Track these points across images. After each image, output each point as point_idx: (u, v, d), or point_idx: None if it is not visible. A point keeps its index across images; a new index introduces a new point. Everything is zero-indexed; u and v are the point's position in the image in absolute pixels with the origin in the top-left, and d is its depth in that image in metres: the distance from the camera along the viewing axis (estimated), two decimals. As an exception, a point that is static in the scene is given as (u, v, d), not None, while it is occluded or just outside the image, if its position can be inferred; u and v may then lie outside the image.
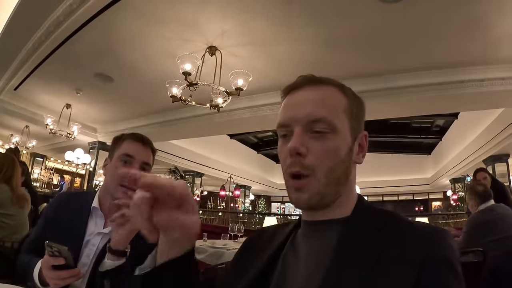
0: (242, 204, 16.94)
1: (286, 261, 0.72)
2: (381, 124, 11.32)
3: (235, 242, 4.24)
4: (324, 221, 0.70)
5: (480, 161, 9.21)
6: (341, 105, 0.70)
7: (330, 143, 0.67)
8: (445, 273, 0.57)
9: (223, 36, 4.29)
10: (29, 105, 7.21)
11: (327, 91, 0.71)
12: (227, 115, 6.56)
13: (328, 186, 0.67)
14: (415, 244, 0.60)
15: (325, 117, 0.67)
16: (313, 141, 0.67)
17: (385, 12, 3.66)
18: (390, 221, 0.66)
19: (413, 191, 16.95)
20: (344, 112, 0.70)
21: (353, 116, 0.72)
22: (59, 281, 1.06)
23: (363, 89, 5.17)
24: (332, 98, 0.71)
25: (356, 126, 0.72)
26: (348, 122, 0.70)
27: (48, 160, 12.85)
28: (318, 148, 0.67)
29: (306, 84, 0.73)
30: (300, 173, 0.67)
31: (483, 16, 3.63)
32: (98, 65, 5.28)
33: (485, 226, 2.86)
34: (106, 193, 1.35)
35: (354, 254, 0.61)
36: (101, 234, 1.30)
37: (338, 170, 0.68)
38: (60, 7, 3.77)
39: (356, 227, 0.67)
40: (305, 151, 0.66)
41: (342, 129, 0.69)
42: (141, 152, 1.36)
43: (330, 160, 0.67)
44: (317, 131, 0.67)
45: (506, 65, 4.60)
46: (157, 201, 0.55)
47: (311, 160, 0.66)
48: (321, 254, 0.66)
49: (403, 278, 0.56)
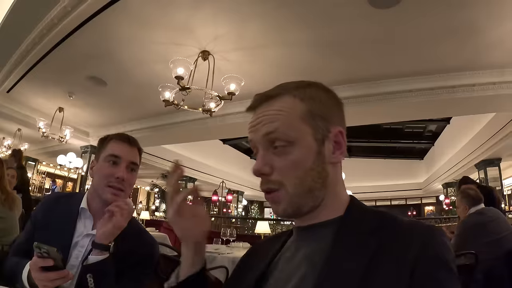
0: (235, 210, 16.88)
1: (277, 267, 0.72)
2: (374, 130, 11.37)
3: (227, 246, 4.23)
4: (314, 224, 0.70)
5: (472, 166, 9.30)
6: (296, 113, 0.69)
7: (291, 156, 0.67)
8: (439, 271, 0.57)
9: (216, 41, 4.30)
10: (21, 108, 7.16)
11: (280, 104, 0.70)
12: (220, 120, 6.58)
13: (300, 196, 0.67)
14: (408, 243, 0.59)
15: (279, 132, 0.68)
16: (276, 157, 0.68)
17: (376, 18, 3.70)
18: (382, 221, 0.65)
19: (406, 196, 17.03)
20: (301, 118, 0.69)
21: (316, 117, 0.69)
22: (48, 282, 1.04)
23: (355, 94, 5.22)
24: (286, 110, 0.69)
25: (323, 126, 0.69)
26: (309, 126, 0.69)
27: (40, 164, 12.72)
28: (281, 164, 0.68)
29: (260, 103, 0.73)
30: (270, 189, 0.69)
31: (474, 22, 3.69)
32: (91, 68, 5.27)
33: (476, 229, 2.86)
34: (94, 195, 1.34)
35: (347, 256, 0.61)
36: (90, 236, 1.27)
37: (307, 180, 0.67)
38: (54, 9, 3.77)
39: (348, 228, 0.66)
40: (269, 170, 0.68)
41: (302, 137, 0.68)
42: (128, 152, 1.35)
43: (295, 172, 0.67)
44: (276, 146, 0.68)
45: (497, 70, 4.66)
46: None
47: (276, 176, 0.68)
48: (313, 258, 0.66)
49: (397, 278, 0.56)
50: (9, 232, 2.53)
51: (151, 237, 1.42)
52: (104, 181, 1.29)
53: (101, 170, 1.32)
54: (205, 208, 0.69)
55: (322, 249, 0.65)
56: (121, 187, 1.30)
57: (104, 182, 1.29)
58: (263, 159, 0.69)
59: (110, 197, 1.28)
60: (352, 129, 11.46)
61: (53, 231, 1.27)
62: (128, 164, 1.34)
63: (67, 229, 1.28)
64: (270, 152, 0.69)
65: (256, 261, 0.78)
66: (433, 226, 0.67)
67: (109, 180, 1.29)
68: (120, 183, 1.29)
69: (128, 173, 1.33)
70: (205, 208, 0.69)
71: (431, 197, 16.82)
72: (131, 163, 1.35)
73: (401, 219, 0.66)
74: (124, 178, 1.30)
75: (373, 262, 0.58)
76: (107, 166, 1.31)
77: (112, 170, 1.30)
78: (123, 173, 1.30)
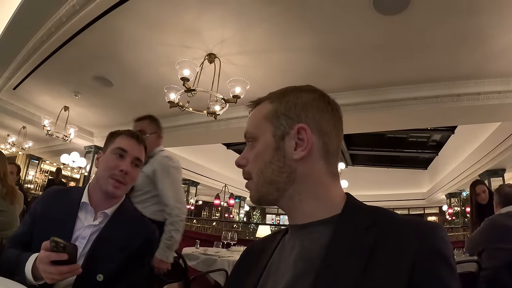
0: (237, 215, 16.86)
1: (274, 266, 0.73)
2: (378, 138, 11.36)
3: (227, 250, 4.21)
4: (310, 223, 0.71)
5: (476, 176, 9.22)
6: (261, 114, 0.78)
7: (254, 150, 0.77)
8: (439, 267, 0.57)
9: (223, 44, 4.32)
10: (27, 105, 7.22)
11: (258, 108, 0.81)
12: (224, 124, 6.58)
13: (262, 186, 0.75)
14: (407, 239, 0.59)
15: (248, 129, 0.80)
16: (249, 152, 0.79)
17: (382, 24, 3.70)
18: (380, 218, 0.65)
19: (409, 205, 16.92)
20: (265, 117, 0.77)
21: (280, 116, 0.75)
22: (58, 276, 1.05)
23: (359, 101, 5.21)
24: (257, 112, 0.80)
25: (286, 124, 0.74)
26: (271, 124, 0.76)
27: (44, 162, 12.78)
28: (250, 157, 0.78)
29: (251, 110, 0.84)
30: (245, 178, 0.80)
31: (481, 30, 3.67)
32: (97, 68, 5.30)
33: (502, 230, 2.54)
34: (96, 186, 1.37)
35: (346, 252, 0.61)
36: (91, 227, 1.31)
37: (267, 172, 0.74)
38: (63, 7, 3.80)
39: (346, 226, 0.66)
40: (245, 162, 0.79)
41: (263, 134, 0.76)
42: (135, 148, 1.41)
43: (257, 164, 0.76)
44: (247, 142, 0.80)
45: (502, 79, 4.64)
46: None
47: (248, 167, 0.78)
48: (310, 255, 0.66)
49: (397, 274, 0.56)
50: (9, 226, 2.54)
51: (151, 222, 1.49)
52: (108, 172, 1.34)
53: (106, 161, 1.37)
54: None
55: (319, 246, 0.65)
56: (123, 180, 1.35)
57: (107, 173, 1.34)
58: (243, 153, 0.80)
59: (111, 188, 1.33)
60: (356, 137, 11.55)
61: (54, 223, 1.28)
62: (133, 160, 1.39)
63: (68, 221, 1.29)
64: (248, 148, 0.80)
65: (252, 264, 0.80)
66: (432, 221, 0.68)
67: (113, 172, 1.33)
68: (122, 176, 1.34)
69: (132, 168, 1.39)
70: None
71: (434, 207, 16.70)
72: (136, 159, 1.41)
73: (399, 216, 0.68)
74: (128, 172, 1.35)
75: (372, 259, 0.58)
76: (113, 158, 1.37)
77: (117, 162, 1.36)
78: (127, 167, 1.36)
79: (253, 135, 0.78)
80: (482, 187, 3.65)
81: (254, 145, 0.77)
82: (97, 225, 1.31)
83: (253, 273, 0.76)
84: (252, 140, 0.78)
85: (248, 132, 0.80)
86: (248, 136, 0.79)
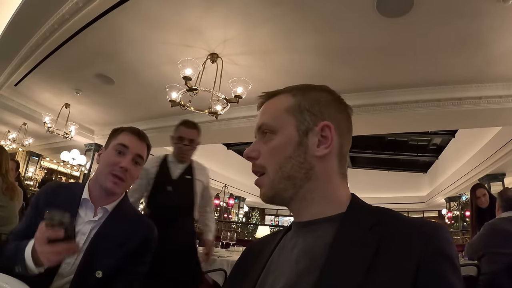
0: (236, 216, 16.86)
1: (272, 264, 0.73)
2: (378, 141, 11.35)
3: (227, 250, 4.21)
4: (314, 220, 0.71)
5: (476, 180, 9.21)
6: (282, 106, 0.76)
7: (271, 143, 0.74)
8: (444, 268, 0.57)
9: (225, 44, 4.32)
10: (28, 102, 7.20)
11: (275, 100, 0.79)
12: (225, 124, 6.57)
13: (279, 182, 0.72)
14: (412, 240, 0.59)
15: (265, 120, 0.77)
16: (263, 145, 0.76)
17: (385, 27, 3.70)
18: (384, 218, 0.65)
19: (408, 209, 16.90)
20: (287, 110, 0.75)
21: (304, 112, 0.74)
22: (54, 256, 1.01)
23: (361, 103, 5.22)
24: (276, 104, 0.78)
25: (310, 120, 0.74)
26: (294, 118, 0.74)
27: (44, 159, 12.78)
28: (264, 150, 0.75)
29: (264, 101, 0.82)
30: (256, 172, 0.77)
31: (484, 33, 3.67)
32: (99, 66, 5.30)
33: (503, 235, 2.56)
34: (96, 183, 1.37)
35: (350, 251, 0.61)
36: (91, 222, 1.31)
37: (286, 167, 0.72)
38: (66, 4, 3.79)
39: (351, 224, 0.66)
40: (256, 155, 0.76)
41: (284, 127, 0.74)
42: (136, 144, 1.39)
43: (275, 158, 0.73)
44: (265, 135, 0.76)
45: (503, 83, 4.64)
46: None
47: (261, 161, 0.75)
48: (313, 253, 0.66)
49: (402, 276, 0.55)
50: (9, 221, 2.54)
51: (150, 220, 1.47)
52: (108, 168, 1.32)
53: (107, 157, 1.36)
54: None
55: (323, 244, 0.65)
56: (123, 177, 1.33)
57: (107, 169, 1.32)
58: (253, 145, 0.78)
59: (110, 185, 1.31)
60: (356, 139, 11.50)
61: None
62: (134, 157, 1.37)
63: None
64: (261, 141, 0.77)
65: (251, 264, 0.79)
66: (437, 222, 0.67)
67: (113, 168, 1.32)
68: (123, 172, 1.33)
69: (133, 165, 1.37)
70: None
71: (434, 211, 16.71)
72: (137, 156, 1.39)
73: (403, 216, 0.67)
74: (128, 169, 1.33)
75: (376, 258, 0.58)
76: (114, 154, 1.35)
77: (118, 159, 1.34)
78: (128, 164, 1.34)
79: (271, 127, 0.75)
80: (483, 190, 3.64)
81: (272, 138, 0.75)
82: (97, 220, 1.31)
83: (252, 273, 0.75)
84: (270, 132, 0.75)
85: (265, 123, 0.77)
86: (265, 128, 0.76)
